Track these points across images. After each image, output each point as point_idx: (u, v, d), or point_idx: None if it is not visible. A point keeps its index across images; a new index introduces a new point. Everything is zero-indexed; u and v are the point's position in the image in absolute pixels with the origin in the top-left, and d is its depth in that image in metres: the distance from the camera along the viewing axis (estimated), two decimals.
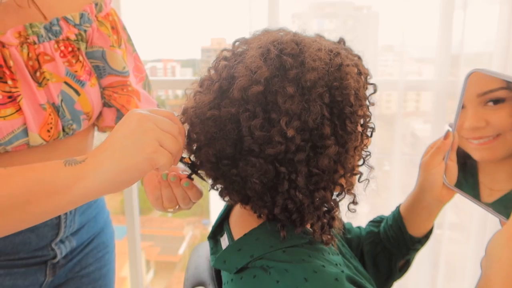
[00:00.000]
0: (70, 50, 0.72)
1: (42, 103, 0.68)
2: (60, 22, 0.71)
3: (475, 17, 1.23)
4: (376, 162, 1.48)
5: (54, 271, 0.80)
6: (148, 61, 2.80)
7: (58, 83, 0.70)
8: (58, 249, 0.78)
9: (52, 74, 0.69)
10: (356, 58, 0.56)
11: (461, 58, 1.27)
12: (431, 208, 0.70)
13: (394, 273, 0.76)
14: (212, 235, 0.66)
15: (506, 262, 0.52)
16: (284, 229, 0.55)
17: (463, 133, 0.62)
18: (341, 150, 0.52)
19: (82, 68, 0.73)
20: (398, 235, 0.74)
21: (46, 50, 0.69)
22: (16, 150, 0.68)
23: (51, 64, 0.69)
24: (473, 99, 0.59)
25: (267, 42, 0.53)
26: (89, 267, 0.87)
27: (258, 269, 0.52)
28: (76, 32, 0.73)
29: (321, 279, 0.49)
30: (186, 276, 0.73)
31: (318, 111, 0.49)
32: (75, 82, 0.72)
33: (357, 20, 1.44)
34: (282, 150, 0.50)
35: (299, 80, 0.50)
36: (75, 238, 0.82)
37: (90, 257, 0.87)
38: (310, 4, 1.39)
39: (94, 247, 0.88)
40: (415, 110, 1.67)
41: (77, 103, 0.72)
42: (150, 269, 4.39)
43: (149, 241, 4.33)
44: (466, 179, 0.63)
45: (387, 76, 1.51)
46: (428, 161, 0.66)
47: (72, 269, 0.83)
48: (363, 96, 0.54)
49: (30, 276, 0.76)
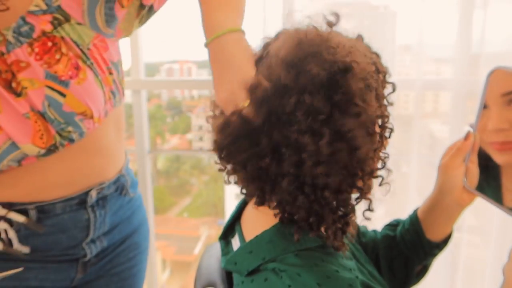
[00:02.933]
0: (50, 46, 0.66)
1: (25, 113, 0.65)
2: (27, 19, 0.64)
3: (496, 16, 1.21)
4: (393, 163, 1.46)
5: (85, 269, 0.81)
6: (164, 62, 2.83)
7: (40, 89, 0.65)
8: (89, 248, 0.79)
9: (32, 80, 0.65)
10: (374, 56, 0.55)
11: (481, 57, 1.24)
12: (450, 211, 0.67)
13: (410, 278, 0.74)
14: (224, 235, 0.65)
15: None
16: (298, 232, 0.53)
17: (485, 135, 0.60)
18: (360, 152, 0.50)
19: (66, 64, 0.67)
20: (415, 239, 0.71)
21: (19, 56, 0.64)
22: (26, 163, 0.68)
23: (27, 70, 0.64)
24: (497, 98, 0.57)
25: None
26: (119, 266, 0.87)
27: (270, 272, 0.51)
28: (49, 19, 0.66)
29: (334, 284, 0.48)
30: (197, 276, 0.73)
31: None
32: (57, 84, 0.66)
33: (373, 19, 1.42)
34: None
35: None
36: (107, 238, 0.82)
37: (121, 257, 0.87)
38: (326, 4, 1.38)
39: (126, 247, 0.87)
40: (433, 110, 1.64)
41: (65, 105, 0.67)
42: (166, 268, 4.43)
43: (165, 241, 4.36)
44: (488, 182, 0.61)
45: (404, 76, 1.49)
46: (448, 163, 0.64)
47: (103, 267, 0.84)
48: (382, 95, 0.53)
49: (62, 271, 0.78)
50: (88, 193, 0.76)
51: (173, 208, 5.03)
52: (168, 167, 5.00)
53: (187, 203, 5.17)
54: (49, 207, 0.73)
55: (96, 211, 0.78)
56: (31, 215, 0.71)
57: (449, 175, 0.64)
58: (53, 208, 0.73)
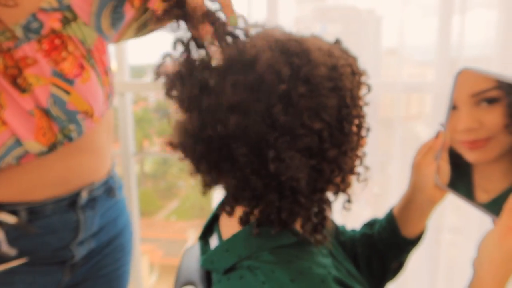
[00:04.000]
0: (58, 44, 0.66)
1: (29, 109, 0.65)
2: (37, 15, 0.65)
3: (474, 21, 1.24)
4: (379, 165, 1.48)
5: (72, 271, 0.81)
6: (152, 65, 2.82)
7: (45, 86, 0.66)
8: (77, 250, 0.79)
9: (38, 77, 0.65)
10: (351, 58, 0.56)
11: (460, 61, 1.27)
12: (423, 208, 0.70)
13: (387, 275, 0.76)
14: (203, 235, 0.66)
15: (497, 261, 0.52)
16: (276, 228, 0.54)
17: (456, 135, 0.61)
18: (338, 151, 0.51)
19: (72, 62, 0.68)
20: (391, 237, 0.73)
21: (27, 53, 0.64)
22: (25, 162, 0.68)
23: (35, 67, 0.65)
24: (467, 99, 0.59)
25: (271, 42, 0.51)
26: (106, 268, 0.87)
27: (245, 270, 0.52)
28: (59, 17, 0.67)
29: (307, 280, 0.49)
30: (176, 276, 0.74)
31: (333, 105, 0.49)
32: (63, 82, 0.67)
33: (359, 23, 1.44)
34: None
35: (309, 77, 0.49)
36: (94, 240, 0.83)
37: (108, 258, 0.87)
38: (313, 8, 1.39)
39: (113, 249, 0.88)
40: (418, 113, 1.67)
41: (69, 103, 0.68)
42: (153, 272, 4.40)
43: (152, 244, 4.33)
44: (461, 179, 0.62)
45: (390, 78, 1.51)
46: (419, 161, 0.66)
47: (90, 270, 0.84)
48: (357, 96, 0.54)
49: (49, 274, 0.77)
50: (79, 194, 0.77)
51: (161, 211, 5.00)
52: (156, 170, 4.98)
53: (174, 206, 5.14)
54: (40, 208, 0.73)
55: (86, 212, 0.78)
56: (21, 216, 0.71)
57: (421, 172, 0.66)
58: (44, 209, 0.73)
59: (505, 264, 0.52)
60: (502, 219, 0.53)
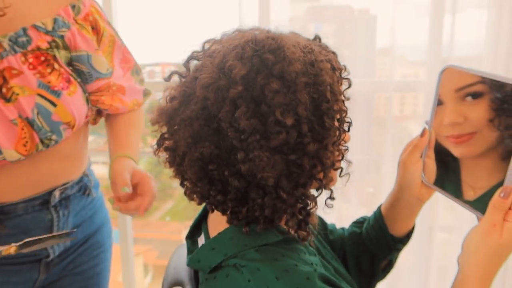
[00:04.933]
0: (43, 60, 0.69)
1: (13, 119, 0.66)
2: (28, 31, 0.67)
3: (465, 21, 1.26)
4: (373, 165, 1.48)
5: (48, 269, 0.80)
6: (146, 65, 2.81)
7: (30, 96, 0.67)
8: (51, 248, 0.79)
9: (24, 88, 0.67)
10: (330, 54, 0.56)
11: (451, 60, 1.28)
12: (411, 206, 0.69)
13: (376, 273, 0.76)
14: (190, 235, 0.65)
15: (482, 258, 0.53)
16: (249, 226, 0.54)
17: (442, 130, 0.62)
18: (319, 146, 0.51)
19: (58, 77, 0.70)
20: (379, 235, 0.73)
21: (12, 64, 0.66)
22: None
23: (19, 77, 0.66)
24: (451, 94, 0.59)
25: (242, 42, 0.52)
26: (82, 265, 0.87)
27: (231, 268, 0.52)
28: (49, 39, 0.69)
29: (292, 277, 0.49)
30: (164, 276, 0.73)
31: (306, 100, 0.49)
32: (49, 93, 0.69)
33: (354, 23, 1.45)
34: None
35: (283, 74, 0.50)
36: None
37: (84, 256, 0.87)
38: (308, 8, 1.39)
39: (89, 246, 0.88)
40: (412, 112, 1.68)
41: (54, 114, 0.70)
42: (148, 273, 4.37)
43: (146, 245, 4.31)
44: (449, 177, 0.63)
45: (383, 78, 1.52)
46: (406, 159, 0.66)
47: (66, 267, 0.84)
48: (338, 91, 0.54)
49: (23, 273, 0.77)
50: (51, 193, 0.76)
51: (156, 212, 4.98)
52: (150, 170, 4.95)
53: (169, 207, 5.12)
54: (10, 207, 0.72)
55: (59, 211, 0.78)
56: None
57: (407, 170, 0.66)
58: (15, 209, 0.73)
59: (489, 260, 0.53)
60: (486, 216, 0.53)
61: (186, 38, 0.63)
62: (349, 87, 0.58)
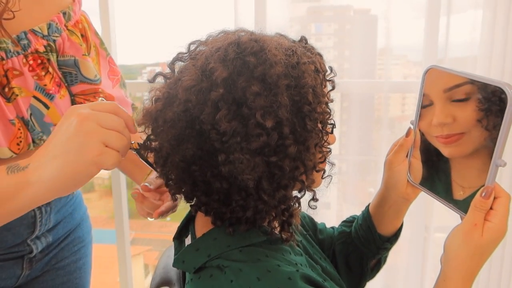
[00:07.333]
0: (39, 63, 0.71)
1: (11, 119, 0.67)
2: (28, 35, 0.70)
3: (460, 22, 1.26)
4: (375, 165, 1.48)
5: (31, 265, 0.82)
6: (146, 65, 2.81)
7: (27, 98, 0.69)
8: (34, 244, 0.81)
9: (22, 89, 0.69)
10: (314, 56, 0.56)
11: (446, 61, 1.29)
12: (397, 206, 0.70)
13: (366, 273, 0.76)
14: (178, 235, 0.66)
15: (463, 258, 0.53)
16: (232, 227, 0.55)
17: (432, 130, 0.62)
18: (301, 148, 0.51)
19: (51, 80, 0.72)
20: (368, 234, 0.73)
21: (15, 65, 0.68)
22: None
23: (19, 78, 0.68)
24: (440, 95, 0.59)
25: (225, 44, 0.52)
26: (64, 260, 0.90)
27: (215, 269, 0.52)
28: (45, 43, 0.72)
29: (273, 278, 0.49)
30: (153, 276, 0.74)
31: (287, 103, 0.49)
32: (44, 96, 0.71)
33: (355, 23, 1.44)
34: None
35: (265, 76, 0.49)
36: (51, 234, 0.85)
37: (66, 251, 0.90)
38: (308, 8, 1.39)
39: (70, 242, 0.91)
40: (411, 112, 1.67)
41: (46, 116, 0.72)
42: (148, 273, 4.38)
43: (147, 246, 4.32)
44: (439, 177, 0.63)
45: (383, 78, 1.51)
46: (391, 159, 0.66)
47: (48, 263, 0.87)
48: (321, 93, 0.54)
49: (7, 269, 0.79)
50: None
51: None
52: None
53: None
54: None
55: (42, 207, 0.80)
56: None
57: (393, 170, 0.66)
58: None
59: (470, 260, 0.53)
60: (467, 216, 0.54)
61: (186, 38, 0.63)
62: (332, 89, 0.59)
